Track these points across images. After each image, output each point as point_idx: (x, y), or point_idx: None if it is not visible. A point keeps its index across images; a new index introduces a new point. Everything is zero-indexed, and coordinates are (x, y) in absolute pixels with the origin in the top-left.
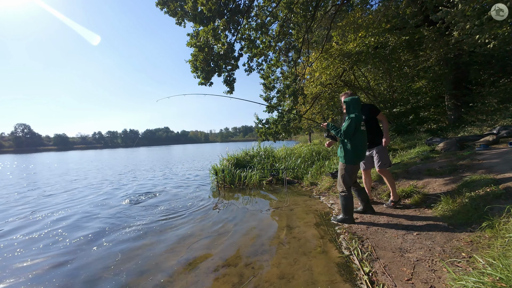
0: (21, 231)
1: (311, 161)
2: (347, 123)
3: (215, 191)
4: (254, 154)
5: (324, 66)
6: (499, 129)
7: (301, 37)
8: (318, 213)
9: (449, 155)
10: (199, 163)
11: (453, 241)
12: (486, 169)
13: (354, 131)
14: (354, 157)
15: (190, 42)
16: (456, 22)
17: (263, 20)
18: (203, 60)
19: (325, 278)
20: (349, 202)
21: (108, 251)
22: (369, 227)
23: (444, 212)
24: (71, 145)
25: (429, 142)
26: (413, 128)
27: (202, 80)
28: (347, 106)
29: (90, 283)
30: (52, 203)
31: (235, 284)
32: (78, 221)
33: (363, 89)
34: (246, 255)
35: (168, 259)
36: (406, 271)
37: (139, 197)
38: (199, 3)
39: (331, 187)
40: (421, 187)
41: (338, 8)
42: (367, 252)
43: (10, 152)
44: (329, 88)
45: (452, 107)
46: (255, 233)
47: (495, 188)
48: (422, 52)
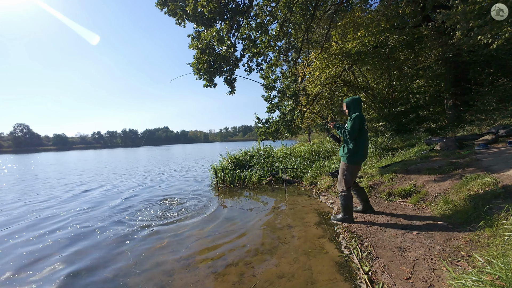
0: (22, 231)
1: (310, 161)
2: (351, 123)
3: (215, 191)
4: (254, 154)
5: (323, 65)
6: (498, 128)
7: (301, 36)
8: (318, 212)
9: (448, 154)
10: (199, 162)
11: (452, 240)
12: (485, 168)
13: (359, 130)
14: (357, 157)
15: (192, 45)
16: (457, 22)
17: (262, 19)
18: (205, 62)
19: (325, 277)
20: (348, 201)
21: (108, 251)
22: (368, 227)
23: (444, 211)
24: (70, 145)
25: (428, 141)
26: (412, 128)
27: (206, 82)
28: (347, 107)
29: (90, 283)
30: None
31: (235, 283)
32: (78, 221)
33: (362, 88)
34: (246, 255)
35: (168, 259)
36: (406, 270)
37: (136, 198)
38: (199, 5)
39: (331, 186)
40: (421, 186)
41: (337, 8)
42: (367, 251)
43: (9, 152)
44: (328, 88)
45: (451, 106)
46: (255, 233)
47: (494, 187)
48: (422, 51)
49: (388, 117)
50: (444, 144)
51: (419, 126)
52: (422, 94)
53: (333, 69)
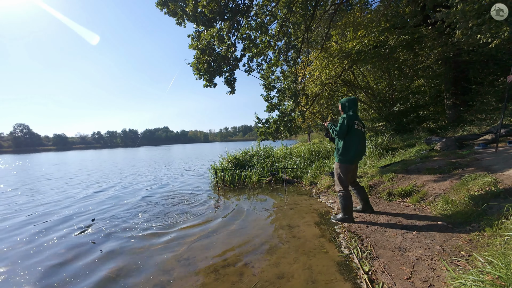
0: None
1: (310, 161)
2: (339, 123)
3: (215, 191)
4: (254, 154)
5: (323, 65)
6: (498, 128)
7: (301, 36)
8: (318, 212)
9: (448, 154)
10: (198, 162)
11: (452, 240)
12: (485, 168)
13: (347, 130)
14: (348, 156)
15: (192, 45)
16: (457, 21)
17: (262, 19)
18: (205, 62)
19: (325, 277)
20: (347, 201)
21: (108, 251)
22: (368, 226)
23: (444, 211)
24: (70, 145)
25: (428, 141)
26: (412, 127)
27: (206, 82)
28: (342, 107)
29: (90, 282)
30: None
31: (235, 283)
32: (77, 221)
33: (362, 88)
34: (246, 254)
35: (168, 259)
36: (406, 269)
37: (135, 197)
38: (200, 5)
39: (331, 186)
40: (421, 186)
41: (337, 8)
42: (367, 251)
43: (9, 152)
44: (328, 87)
45: (451, 106)
46: (255, 233)
47: (494, 187)
48: (422, 51)
49: (388, 116)
50: (444, 143)
51: (419, 125)
52: (422, 94)
53: (333, 68)
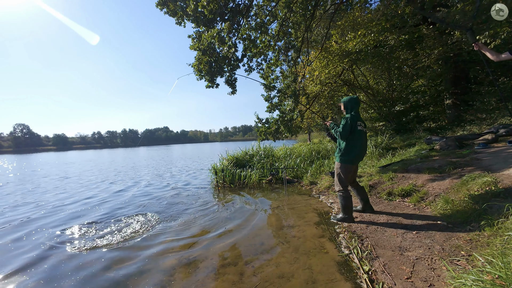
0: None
1: (310, 160)
2: (343, 124)
3: (215, 191)
4: (254, 154)
5: (323, 64)
6: (498, 128)
7: (301, 36)
8: (318, 212)
9: (448, 153)
10: (198, 162)
11: (452, 239)
12: (485, 168)
13: (350, 131)
14: (349, 157)
15: (193, 46)
16: (458, 21)
17: (262, 19)
18: (207, 62)
19: (325, 277)
20: (347, 201)
21: (108, 251)
22: (368, 226)
23: (443, 210)
24: (70, 145)
25: (428, 141)
26: (412, 127)
27: (209, 83)
28: (345, 106)
29: (90, 282)
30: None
31: (235, 283)
32: (76, 221)
33: (362, 88)
34: (246, 254)
35: (168, 259)
36: (406, 269)
37: (134, 198)
38: (200, 5)
39: (331, 186)
40: (421, 186)
41: (337, 7)
42: (367, 251)
43: (9, 153)
44: (328, 87)
45: (451, 105)
46: (255, 232)
47: (494, 186)
48: (422, 50)
49: (388, 116)
50: (444, 143)
51: (419, 125)
52: (422, 93)
53: (333, 68)
